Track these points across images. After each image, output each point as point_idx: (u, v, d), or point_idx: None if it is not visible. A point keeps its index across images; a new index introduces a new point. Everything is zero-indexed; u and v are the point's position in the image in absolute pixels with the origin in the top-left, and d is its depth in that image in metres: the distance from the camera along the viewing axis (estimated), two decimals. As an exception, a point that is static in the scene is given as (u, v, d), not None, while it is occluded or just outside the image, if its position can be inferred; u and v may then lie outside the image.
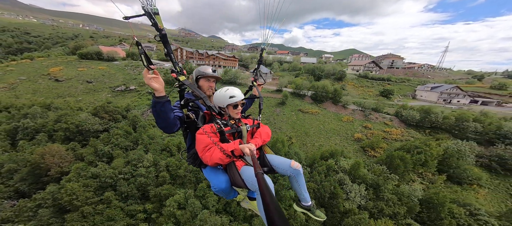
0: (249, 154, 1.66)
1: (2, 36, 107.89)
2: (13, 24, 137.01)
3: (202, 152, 1.86)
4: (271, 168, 2.14)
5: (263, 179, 0.98)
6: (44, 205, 16.48)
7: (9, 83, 39.61)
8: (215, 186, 2.02)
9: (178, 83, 1.93)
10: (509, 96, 45.87)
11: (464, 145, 26.40)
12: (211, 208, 19.75)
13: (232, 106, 2.13)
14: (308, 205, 2.28)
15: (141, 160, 22.32)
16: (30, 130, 25.70)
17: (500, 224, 18.83)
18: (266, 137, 2.24)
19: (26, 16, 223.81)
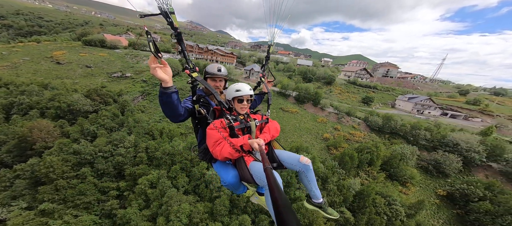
0: (258, 148, 1.62)
1: (15, 19, 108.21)
2: (29, 8, 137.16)
3: (212, 146, 1.83)
4: (280, 163, 2.09)
5: (272, 173, 0.96)
6: (22, 176, 17.32)
7: (12, 63, 40.36)
8: (224, 180, 1.98)
9: (191, 79, 1.94)
10: (478, 111, 46.38)
11: (407, 148, 27.84)
12: (180, 188, 20.66)
13: (237, 100, 2.10)
14: (319, 202, 2.17)
15: (123, 141, 23.16)
16: (24, 106, 26.53)
17: (406, 212, 21.50)
18: (275, 132, 2.17)
19: (42, 1, 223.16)
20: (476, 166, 28.07)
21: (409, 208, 21.69)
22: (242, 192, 2.37)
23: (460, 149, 27.94)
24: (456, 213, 24.26)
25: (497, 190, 23.06)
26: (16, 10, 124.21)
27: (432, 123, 35.99)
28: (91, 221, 17.70)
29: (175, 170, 21.60)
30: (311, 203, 2.25)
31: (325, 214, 2.21)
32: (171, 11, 1.53)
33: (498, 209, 21.16)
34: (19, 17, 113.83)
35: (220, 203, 19.18)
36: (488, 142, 27.84)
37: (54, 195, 17.11)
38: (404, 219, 20.59)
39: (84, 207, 18.20)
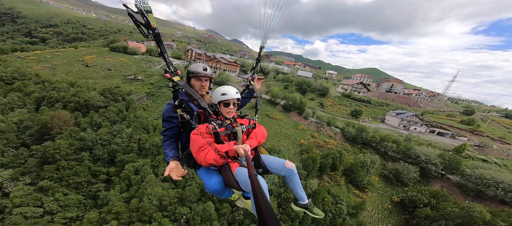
0: (243, 154, 1.55)
1: (65, 27, 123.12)
2: (77, 18, 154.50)
3: (197, 152, 1.72)
4: (265, 169, 2.01)
5: (257, 180, 0.94)
6: (35, 156, 20.87)
7: (52, 65, 47.02)
8: (208, 186, 1.88)
9: (172, 84, 1.81)
10: (468, 131, 43.45)
11: (369, 157, 28.19)
12: (160, 175, 23.07)
13: (223, 104, 1.98)
14: (305, 203, 2.15)
15: (121, 132, 26.45)
16: (53, 100, 31.27)
17: (349, 211, 22.30)
18: (261, 138, 2.08)
19: (89, 11, 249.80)
20: (435, 178, 27.48)
21: (352, 208, 22.13)
22: (228, 196, 2.23)
23: (419, 160, 27.62)
24: (404, 218, 24.06)
25: (441, 198, 22.64)
26: (68, 19, 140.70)
27: (404, 136, 35.11)
28: (77, 200, 20.58)
29: (158, 160, 24.15)
30: (298, 205, 2.21)
31: (311, 214, 2.17)
32: (148, 10, 1.46)
33: (436, 214, 21.08)
34: (68, 25, 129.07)
35: (190, 190, 21.15)
36: (445, 156, 27.05)
37: (54, 173, 20.34)
38: (346, 218, 21.07)
39: (75, 187, 21.25)
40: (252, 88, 2.66)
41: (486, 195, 23.60)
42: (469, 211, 20.47)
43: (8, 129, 23.74)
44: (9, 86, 31.27)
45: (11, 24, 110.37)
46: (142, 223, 18.44)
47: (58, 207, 20.15)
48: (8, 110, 27.03)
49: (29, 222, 18.49)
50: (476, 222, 19.73)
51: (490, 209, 21.88)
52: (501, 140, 40.06)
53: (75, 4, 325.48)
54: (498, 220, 19.48)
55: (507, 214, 20.37)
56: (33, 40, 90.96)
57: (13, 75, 34.44)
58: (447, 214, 21.24)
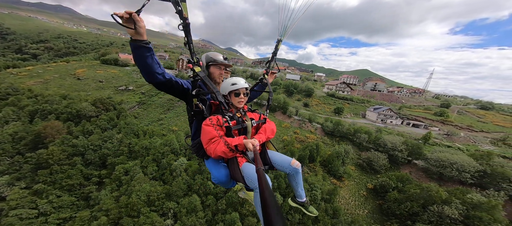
0: (252, 149, 1.58)
1: (56, 42, 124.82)
2: (68, 32, 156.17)
3: (207, 143, 1.75)
4: (271, 165, 2.05)
5: (264, 175, 0.95)
6: (29, 162, 22.76)
7: (44, 79, 48.93)
8: (215, 177, 1.94)
9: (193, 74, 1.84)
10: (440, 121, 47.49)
11: (342, 148, 31.06)
12: (149, 174, 25.12)
13: (234, 94, 2.00)
14: (303, 201, 2.24)
15: (111, 137, 28.54)
16: (46, 112, 33.18)
17: (322, 196, 24.31)
18: (270, 134, 2.09)
19: (79, 25, 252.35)
20: (403, 164, 30.40)
21: (326, 194, 24.56)
22: (232, 186, 2.24)
23: (387, 148, 30.52)
24: (379, 204, 26.53)
25: (406, 182, 25.46)
26: (58, 34, 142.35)
27: (377, 128, 38.42)
28: (70, 202, 22.38)
29: (147, 161, 26.28)
30: (295, 201, 2.32)
31: (306, 211, 2.27)
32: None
33: (402, 196, 23.64)
34: (59, 40, 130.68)
35: (177, 185, 23.24)
36: (409, 143, 30.24)
37: (47, 177, 22.24)
38: (320, 203, 23.45)
39: (68, 189, 23.11)
40: (266, 82, 2.68)
41: (447, 176, 26.50)
42: (428, 191, 23.31)
43: (3, 140, 25.54)
44: (4, 102, 33.13)
45: (1, 41, 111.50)
46: (130, 218, 20.31)
47: (52, 209, 21.84)
48: (3, 123, 28.82)
49: (24, 223, 20.12)
50: (435, 201, 22.49)
51: (447, 189, 24.85)
52: (469, 128, 43.93)
53: (65, 18, 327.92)
54: (453, 198, 22.26)
55: (460, 191, 23.30)
56: (24, 57, 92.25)
57: (7, 91, 36.30)
58: (411, 195, 23.94)
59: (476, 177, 24.63)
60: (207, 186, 23.50)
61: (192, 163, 26.20)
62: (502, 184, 23.18)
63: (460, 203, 21.10)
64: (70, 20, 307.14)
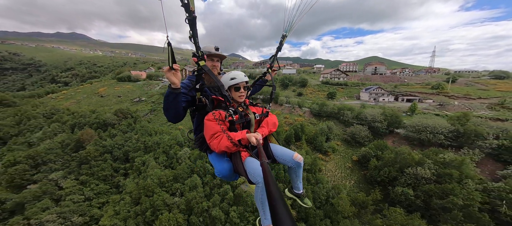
0: (255, 143, 1.61)
1: (79, 68, 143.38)
2: (87, 58, 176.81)
3: (210, 138, 1.78)
4: (273, 158, 2.07)
5: (268, 168, 0.96)
6: (75, 160, 30.54)
7: (76, 99, 59.64)
8: (218, 171, 1.96)
9: (197, 67, 1.84)
10: (436, 94, 47.39)
11: (325, 125, 34.32)
12: (160, 163, 31.49)
13: (234, 89, 2.01)
14: (299, 193, 2.29)
15: (131, 138, 35.76)
16: (82, 124, 41.96)
17: (305, 168, 27.25)
18: (272, 127, 2.12)
19: (95, 50, 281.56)
20: (386, 134, 32.48)
21: (308, 166, 28.24)
22: (235, 179, 2.24)
23: (368, 121, 32.98)
24: (363, 174, 29.32)
25: (383, 148, 27.93)
26: (79, 60, 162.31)
27: (362, 105, 40.65)
28: (105, 189, 29.54)
29: (158, 153, 32.80)
30: (292, 193, 2.36)
31: (301, 203, 2.32)
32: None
33: (381, 163, 26.15)
34: (82, 66, 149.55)
35: (181, 169, 29.13)
36: (387, 113, 32.32)
37: (88, 170, 29.74)
38: (303, 174, 27.46)
39: (103, 179, 30.35)
40: (269, 75, 2.71)
41: (425, 140, 28.35)
42: (401, 154, 25.65)
43: (55, 147, 34.08)
44: (50, 119, 42.73)
45: (37, 74, 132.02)
46: (147, 197, 26.47)
47: (93, 195, 29.17)
48: (53, 135, 37.82)
49: (76, 205, 27.53)
50: (410, 163, 24.30)
51: (421, 151, 26.79)
52: (466, 97, 43.60)
53: (82, 45, 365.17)
54: (426, 159, 23.85)
55: (433, 152, 25.14)
56: (58, 85, 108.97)
57: (51, 111, 46.32)
58: (388, 161, 26.22)
59: (451, 138, 26.25)
60: (206, 167, 28.99)
61: (194, 152, 31.98)
62: (477, 142, 24.48)
63: (432, 163, 22.65)
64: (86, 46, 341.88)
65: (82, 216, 25.92)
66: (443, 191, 18.65)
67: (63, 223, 24.16)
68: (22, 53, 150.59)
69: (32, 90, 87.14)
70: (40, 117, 44.74)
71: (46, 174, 30.26)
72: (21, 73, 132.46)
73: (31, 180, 29.54)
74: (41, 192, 27.30)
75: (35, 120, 43.13)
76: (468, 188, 18.08)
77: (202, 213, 24.33)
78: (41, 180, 29.26)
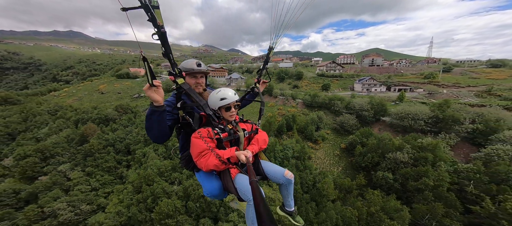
0: (245, 161, 1.55)
1: (79, 66, 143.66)
2: (86, 56, 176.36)
3: (197, 157, 1.69)
4: (264, 176, 2.03)
5: (258, 187, 0.94)
6: (80, 152, 32.40)
7: (78, 97, 61.07)
8: (207, 191, 1.88)
9: (176, 86, 1.76)
10: (427, 83, 48.07)
11: (315, 115, 35.67)
12: (160, 155, 33.25)
13: (224, 109, 1.91)
14: (291, 210, 2.25)
15: (131, 131, 37.42)
16: (85, 119, 43.62)
17: (293, 154, 28.80)
18: (263, 144, 2.05)
19: (93, 48, 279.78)
20: (373, 122, 33.80)
21: (296, 152, 29.84)
22: (223, 197, 2.14)
23: (356, 110, 34.21)
24: (350, 161, 30.89)
25: (367, 135, 29.28)
26: (79, 59, 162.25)
27: (353, 95, 41.68)
28: (110, 180, 31.49)
29: (158, 145, 34.48)
30: (284, 210, 2.30)
31: (293, 221, 2.26)
32: (155, 5, 1.35)
33: (365, 149, 27.63)
34: (81, 64, 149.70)
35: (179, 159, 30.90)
36: (373, 102, 33.41)
37: (93, 162, 31.62)
38: (290, 160, 28.96)
39: (107, 170, 32.26)
40: (257, 91, 2.65)
41: (409, 127, 29.57)
42: (382, 140, 27.10)
43: (61, 141, 35.95)
44: (55, 116, 44.42)
45: (38, 73, 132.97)
46: (147, 186, 28.32)
47: (99, 185, 31.17)
48: (59, 130, 39.62)
49: (84, 194, 29.58)
50: (390, 148, 25.98)
51: (402, 137, 28.15)
52: (455, 85, 44.30)
53: (79, 43, 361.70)
54: (405, 144, 25.41)
55: (413, 137, 26.58)
56: (60, 84, 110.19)
57: (55, 108, 47.94)
58: (371, 147, 27.77)
59: (430, 124, 27.48)
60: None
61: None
62: (454, 127, 25.75)
63: (410, 148, 24.25)
64: (84, 44, 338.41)
65: (90, 204, 27.86)
66: (418, 174, 20.09)
67: (73, 210, 26.08)
68: (21, 52, 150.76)
69: (35, 89, 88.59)
70: (45, 113, 46.43)
71: (55, 166, 32.27)
72: (23, 73, 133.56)
73: (42, 172, 31.60)
74: (51, 182, 29.36)
75: (41, 117, 44.86)
76: (440, 170, 19.44)
77: (198, 199, 26.13)
78: (51, 171, 31.31)
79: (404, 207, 17.80)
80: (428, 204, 17.34)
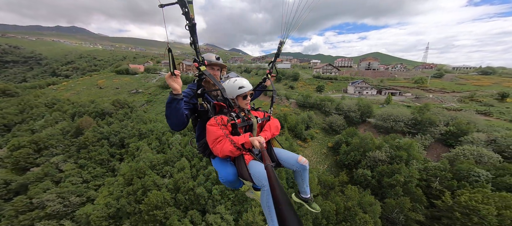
0: (259, 147, 1.57)
1: (80, 62, 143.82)
2: (87, 52, 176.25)
3: (213, 143, 1.77)
4: (278, 162, 2.04)
5: (273, 171, 0.92)
6: (74, 145, 33.01)
7: (76, 91, 61.61)
8: (223, 177, 1.93)
9: (198, 72, 1.87)
10: (416, 87, 49.47)
11: (306, 114, 36.70)
12: (153, 149, 33.98)
13: (242, 97, 2.03)
14: (307, 197, 2.23)
15: (126, 126, 38.12)
16: (81, 112, 44.23)
17: None
18: (275, 130, 2.10)
19: (95, 44, 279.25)
20: (359, 123, 34.96)
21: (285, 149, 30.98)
22: (239, 186, 2.21)
23: (344, 111, 35.42)
24: (336, 159, 31.91)
25: (352, 135, 30.40)
26: (80, 54, 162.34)
27: (343, 97, 42.87)
28: (102, 172, 32.06)
29: (151, 139, 35.24)
30: (299, 197, 2.30)
31: (309, 208, 2.28)
32: (190, 0, 1.47)
33: (349, 148, 28.70)
34: (82, 60, 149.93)
35: (171, 153, 31.61)
36: (361, 104, 34.60)
37: (86, 155, 32.22)
38: None
39: (100, 162, 32.86)
40: (269, 80, 2.80)
41: (390, 128, 30.74)
42: (364, 140, 28.18)
43: (56, 133, 36.53)
44: (52, 109, 44.96)
45: (38, 67, 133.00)
46: (138, 178, 28.97)
47: (91, 177, 31.76)
48: (54, 123, 40.19)
49: (75, 186, 30.12)
50: (371, 147, 27.05)
51: (382, 137, 29.24)
52: (442, 91, 45.65)
53: (82, 39, 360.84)
54: (384, 143, 26.52)
55: (392, 138, 27.69)
56: (59, 79, 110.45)
57: (53, 101, 48.47)
58: (354, 146, 28.86)
59: (410, 125, 28.68)
60: (194, 152, 31.44)
61: (185, 138, 34.35)
62: (430, 129, 27.02)
63: (388, 147, 25.43)
64: (86, 40, 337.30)
65: (80, 196, 28.09)
66: (392, 171, 21.11)
67: (62, 202, 26.15)
68: (22, 46, 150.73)
69: (33, 82, 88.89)
70: (42, 106, 46.99)
71: (48, 158, 32.84)
72: (22, 67, 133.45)
73: (34, 163, 32.12)
74: (43, 174, 29.79)
75: (37, 109, 45.42)
76: (411, 168, 20.51)
77: (188, 192, 26.85)
78: (43, 163, 31.84)
79: (376, 202, 18.78)
80: (398, 199, 18.33)
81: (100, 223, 23.27)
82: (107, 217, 24.03)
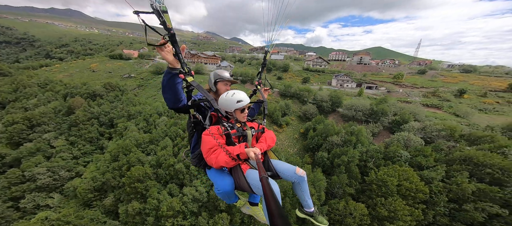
0: (254, 158, 1.53)
1: (75, 45, 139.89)
2: (82, 35, 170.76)
3: (207, 153, 1.73)
4: (275, 173, 1.99)
5: (268, 183, 0.91)
6: (66, 123, 34.60)
7: (69, 73, 61.73)
8: (219, 188, 1.86)
9: (185, 84, 1.78)
10: (392, 83, 51.86)
11: (283, 102, 38.71)
12: (140, 129, 36.01)
13: (240, 111, 2.01)
14: (311, 211, 2.14)
15: (116, 107, 39.73)
16: (73, 93, 45.26)
17: None
18: (271, 142, 2.07)
19: (90, 27, 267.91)
20: (330, 112, 37.46)
21: None
22: (234, 201, 2.17)
23: (318, 101, 37.79)
24: (303, 144, 34.72)
25: (320, 122, 32.96)
26: (75, 37, 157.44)
27: (320, 88, 45.01)
28: (91, 150, 33.82)
29: (139, 120, 37.14)
30: (303, 212, 2.20)
31: (316, 222, 2.15)
32: (164, 10, 1.41)
33: (315, 133, 31.34)
34: (77, 43, 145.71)
35: (156, 133, 33.77)
36: (332, 95, 36.90)
37: (77, 132, 33.99)
38: None
39: (89, 140, 34.76)
40: (259, 93, 2.73)
41: (352, 117, 33.17)
42: (327, 126, 30.57)
43: (49, 112, 37.96)
44: (44, 89, 45.84)
45: (31, 48, 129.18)
46: (124, 155, 30.96)
47: (80, 154, 33.71)
48: (47, 102, 41.43)
49: (65, 162, 32.01)
50: (331, 133, 29.13)
51: (342, 125, 31.63)
52: (412, 86, 48.07)
53: (77, 22, 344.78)
54: (342, 130, 28.99)
55: (349, 124, 30.07)
56: (52, 61, 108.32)
57: (45, 82, 49.11)
58: (319, 131, 31.18)
59: (367, 115, 31.33)
60: (178, 133, 33.60)
61: (170, 120, 36.24)
62: (382, 118, 29.71)
63: (344, 133, 27.98)
64: (81, 23, 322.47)
65: (69, 171, 29.52)
66: (342, 153, 23.87)
67: (51, 176, 27.36)
68: (14, 27, 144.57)
69: (26, 63, 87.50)
70: (35, 86, 47.67)
71: (40, 134, 34.53)
72: (15, 47, 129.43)
73: (27, 139, 33.74)
74: (35, 149, 31.24)
75: (30, 89, 46.17)
76: (355, 150, 23.35)
77: (168, 168, 29.32)
78: (36, 139, 33.54)
79: (323, 178, 21.65)
80: (340, 175, 21.25)
81: (85, 195, 25.24)
82: (93, 190, 25.93)
